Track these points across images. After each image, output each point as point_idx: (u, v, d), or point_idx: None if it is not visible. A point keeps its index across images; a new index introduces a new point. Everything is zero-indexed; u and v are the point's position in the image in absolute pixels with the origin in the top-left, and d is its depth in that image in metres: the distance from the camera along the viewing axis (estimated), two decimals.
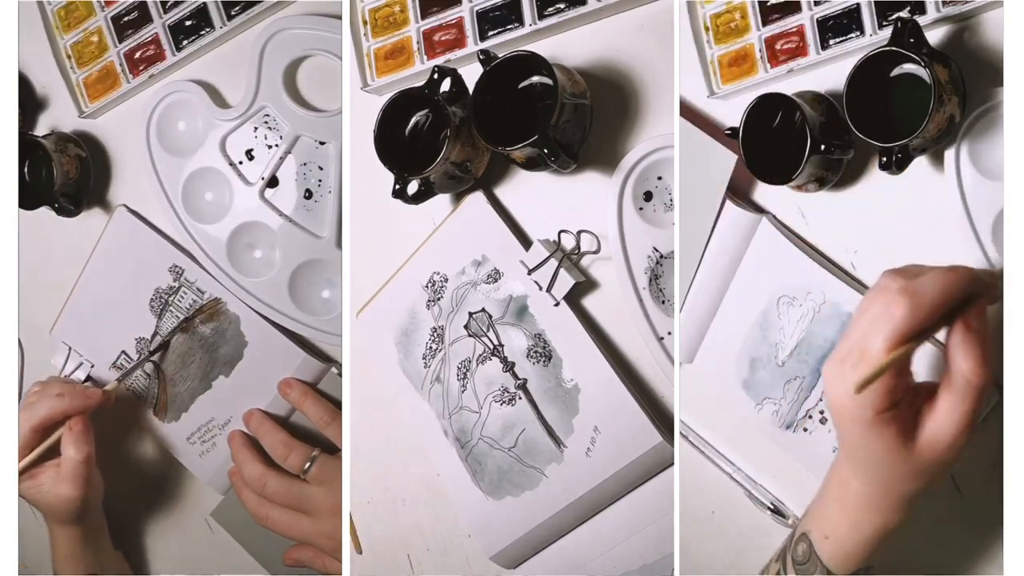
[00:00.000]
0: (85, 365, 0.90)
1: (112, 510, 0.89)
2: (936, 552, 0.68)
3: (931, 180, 0.66)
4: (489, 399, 0.77)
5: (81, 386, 0.87)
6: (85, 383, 0.90)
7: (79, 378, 0.90)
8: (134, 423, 0.90)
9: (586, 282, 0.74)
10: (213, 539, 0.89)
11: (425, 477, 0.84)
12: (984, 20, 0.63)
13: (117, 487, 0.88)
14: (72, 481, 0.80)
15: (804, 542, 0.63)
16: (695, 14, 0.73)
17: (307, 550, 0.78)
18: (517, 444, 0.76)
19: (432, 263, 0.81)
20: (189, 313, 0.85)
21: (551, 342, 0.74)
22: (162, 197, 0.84)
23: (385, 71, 0.80)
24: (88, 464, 0.81)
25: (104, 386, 0.86)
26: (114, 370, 0.88)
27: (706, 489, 0.80)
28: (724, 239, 0.74)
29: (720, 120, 0.74)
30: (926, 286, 0.53)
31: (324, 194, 0.79)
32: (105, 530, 0.89)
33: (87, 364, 0.90)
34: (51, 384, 0.85)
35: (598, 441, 0.72)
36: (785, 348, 0.73)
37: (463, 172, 0.75)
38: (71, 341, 0.91)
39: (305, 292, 0.81)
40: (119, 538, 0.91)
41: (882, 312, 0.53)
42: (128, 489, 0.91)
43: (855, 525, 0.59)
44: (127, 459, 0.91)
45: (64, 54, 0.88)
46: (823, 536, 0.61)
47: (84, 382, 0.90)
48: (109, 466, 0.86)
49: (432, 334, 0.81)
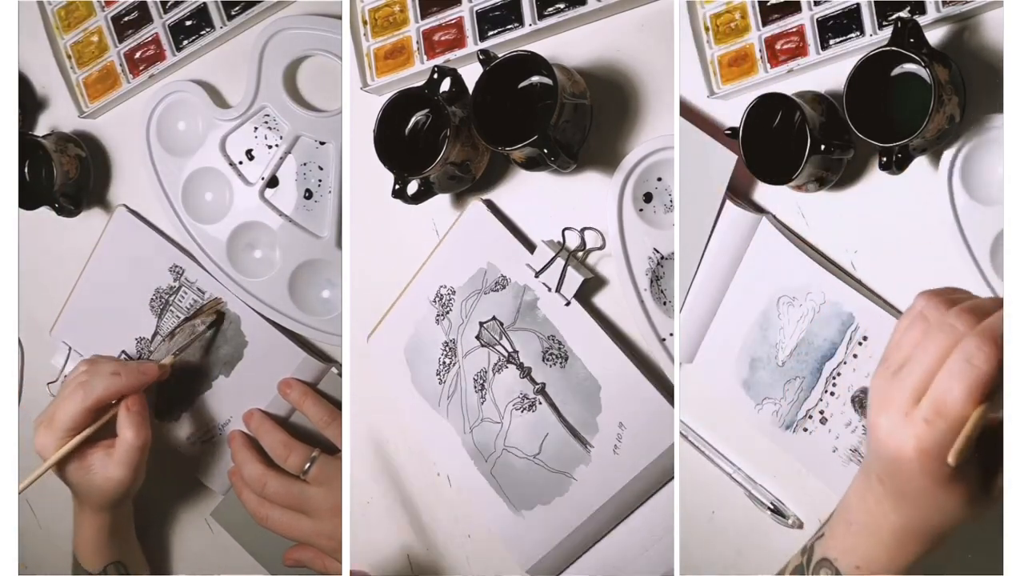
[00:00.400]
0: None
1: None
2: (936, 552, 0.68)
3: (931, 180, 0.66)
4: (509, 407, 0.77)
5: (134, 363, 0.83)
6: (137, 360, 0.87)
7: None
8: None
9: (594, 278, 0.74)
10: (213, 539, 0.89)
11: (425, 477, 0.84)
12: (984, 20, 0.63)
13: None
14: (126, 465, 0.78)
15: (828, 570, 0.59)
16: (695, 14, 0.73)
17: (307, 550, 0.78)
18: (542, 451, 0.75)
19: (438, 277, 0.80)
20: (189, 313, 0.85)
21: (566, 342, 0.74)
22: (162, 197, 0.84)
23: (385, 71, 0.80)
24: (144, 450, 0.79)
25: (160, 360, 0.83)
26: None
27: (706, 489, 0.80)
28: (724, 239, 0.74)
29: (720, 120, 0.74)
30: (1001, 328, 0.47)
31: (324, 194, 0.79)
32: (131, 522, 0.87)
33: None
34: (102, 362, 0.82)
35: (624, 437, 0.71)
36: (785, 348, 0.73)
37: (463, 172, 0.75)
38: (71, 341, 0.91)
39: (305, 292, 0.81)
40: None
41: (960, 360, 0.47)
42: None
43: (893, 560, 0.56)
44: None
45: (64, 54, 0.88)
46: (853, 566, 0.58)
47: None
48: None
49: (444, 348, 0.80)
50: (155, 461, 0.83)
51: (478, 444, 0.78)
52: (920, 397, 0.49)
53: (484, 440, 0.78)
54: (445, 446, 0.81)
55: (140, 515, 0.91)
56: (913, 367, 0.49)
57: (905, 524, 0.55)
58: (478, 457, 0.79)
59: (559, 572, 0.77)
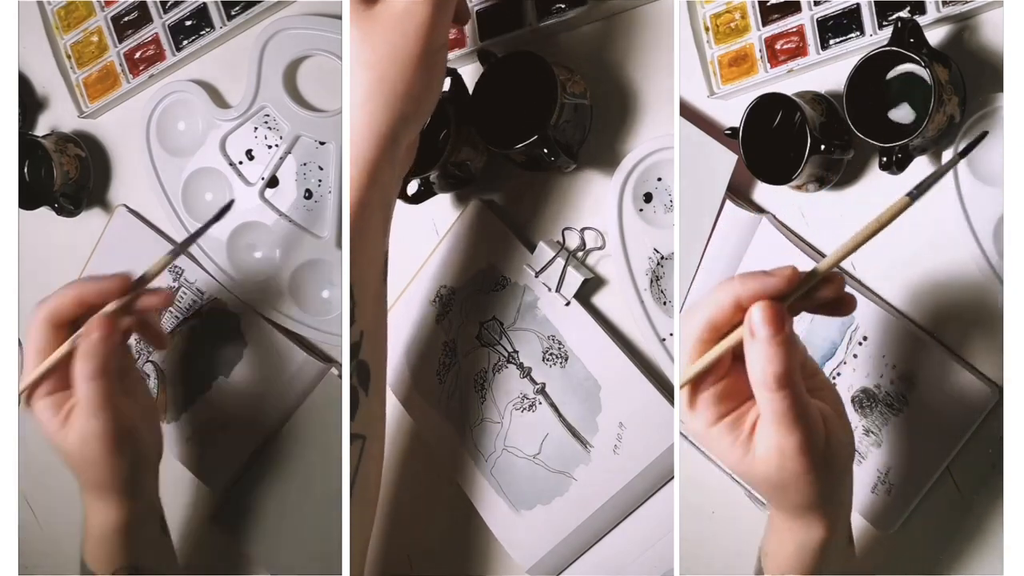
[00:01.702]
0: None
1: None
2: (936, 552, 0.68)
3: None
4: (509, 407, 0.77)
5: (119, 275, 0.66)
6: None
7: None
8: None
9: (594, 278, 0.74)
10: (213, 539, 0.89)
11: (426, 478, 0.84)
12: (984, 20, 0.63)
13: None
14: (93, 408, 0.62)
15: (757, 558, 0.63)
16: (695, 14, 0.73)
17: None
18: (542, 451, 0.75)
19: (438, 277, 0.80)
20: (188, 313, 0.85)
21: (566, 342, 0.74)
22: (162, 197, 0.84)
23: None
24: (108, 387, 0.62)
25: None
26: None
27: (706, 489, 0.80)
28: (724, 239, 0.74)
29: (720, 120, 0.74)
30: (697, 303, 0.53)
31: (324, 194, 0.79)
32: (156, 517, 0.73)
33: None
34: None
35: (624, 437, 0.71)
36: None
37: (463, 172, 0.75)
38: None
39: (305, 292, 0.81)
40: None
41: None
42: None
43: (780, 545, 0.58)
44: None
45: (64, 54, 0.88)
46: (764, 554, 0.61)
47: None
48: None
49: (444, 348, 0.80)
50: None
51: (478, 444, 0.79)
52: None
53: (484, 440, 0.78)
54: (445, 446, 0.81)
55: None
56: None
57: (771, 507, 0.58)
58: (478, 457, 0.79)
59: (559, 572, 0.77)
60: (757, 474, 0.53)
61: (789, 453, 0.51)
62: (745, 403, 0.54)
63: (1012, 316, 0.55)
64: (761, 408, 0.51)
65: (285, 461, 0.83)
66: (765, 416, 0.51)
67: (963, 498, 0.67)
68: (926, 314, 0.67)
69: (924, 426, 0.67)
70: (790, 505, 0.55)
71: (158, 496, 0.73)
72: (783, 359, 0.50)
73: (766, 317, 0.50)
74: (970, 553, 0.67)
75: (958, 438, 0.65)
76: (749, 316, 0.51)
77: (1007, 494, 0.55)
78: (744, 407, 0.54)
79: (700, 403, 0.53)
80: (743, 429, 0.53)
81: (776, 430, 0.51)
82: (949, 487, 0.67)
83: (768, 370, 0.50)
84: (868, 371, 0.69)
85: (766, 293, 0.51)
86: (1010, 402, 0.56)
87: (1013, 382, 0.55)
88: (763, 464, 0.52)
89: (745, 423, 0.53)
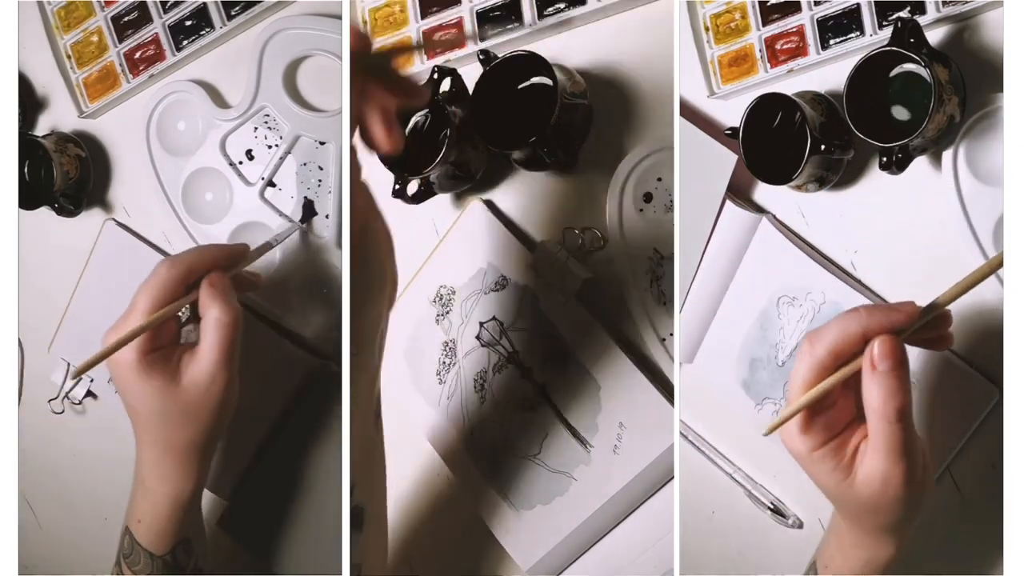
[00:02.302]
0: (84, 381, 0.90)
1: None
2: (936, 552, 0.68)
3: (931, 180, 0.66)
4: (510, 408, 0.77)
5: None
6: (87, 397, 0.86)
7: (78, 395, 0.90)
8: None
9: (594, 278, 0.74)
10: (213, 539, 0.89)
11: (425, 478, 0.84)
12: (984, 20, 0.63)
13: (116, 488, 0.88)
14: (221, 353, 0.62)
15: (812, 573, 0.63)
16: (695, 14, 0.73)
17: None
18: (542, 451, 0.75)
19: (438, 277, 0.80)
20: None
21: (566, 342, 0.74)
22: (162, 197, 0.84)
23: None
24: (236, 332, 0.63)
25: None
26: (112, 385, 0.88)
27: (706, 489, 0.80)
28: (724, 239, 0.74)
29: (720, 120, 0.74)
30: (823, 330, 0.54)
31: (324, 194, 0.79)
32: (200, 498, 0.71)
33: (86, 379, 0.90)
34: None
35: (624, 437, 0.71)
36: (785, 348, 0.73)
37: (463, 172, 0.75)
38: (69, 357, 0.90)
39: (305, 292, 0.81)
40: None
41: (798, 361, 0.55)
42: (127, 489, 0.91)
43: (845, 560, 0.60)
44: (126, 459, 0.91)
45: (64, 54, 0.88)
46: (823, 566, 0.62)
47: (84, 398, 0.89)
48: (109, 466, 0.86)
49: (444, 348, 0.80)
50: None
51: (478, 444, 0.78)
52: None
53: (484, 440, 0.78)
54: (445, 446, 0.81)
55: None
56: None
57: (845, 525, 0.59)
58: (478, 457, 0.79)
59: (559, 572, 0.77)
60: (854, 497, 0.55)
61: (894, 481, 0.53)
62: (847, 429, 0.56)
63: (1012, 316, 0.55)
64: (874, 436, 0.53)
65: (285, 461, 0.83)
66: (877, 444, 0.53)
67: (963, 498, 0.67)
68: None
69: (924, 426, 0.67)
70: (874, 525, 0.57)
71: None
72: (903, 393, 0.52)
73: (890, 351, 0.52)
74: (970, 553, 0.67)
75: (958, 438, 0.65)
76: (871, 348, 0.53)
77: (1007, 494, 0.55)
78: (846, 433, 0.56)
79: (814, 427, 0.55)
80: (845, 453, 0.55)
81: (885, 458, 0.53)
82: (949, 487, 0.67)
83: (890, 403, 0.52)
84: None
85: (891, 327, 0.53)
86: (1010, 402, 0.56)
87: (1013, 382, 0.55)
88: (864, 488, 0.54)
89: (847, 449, 0.55)
